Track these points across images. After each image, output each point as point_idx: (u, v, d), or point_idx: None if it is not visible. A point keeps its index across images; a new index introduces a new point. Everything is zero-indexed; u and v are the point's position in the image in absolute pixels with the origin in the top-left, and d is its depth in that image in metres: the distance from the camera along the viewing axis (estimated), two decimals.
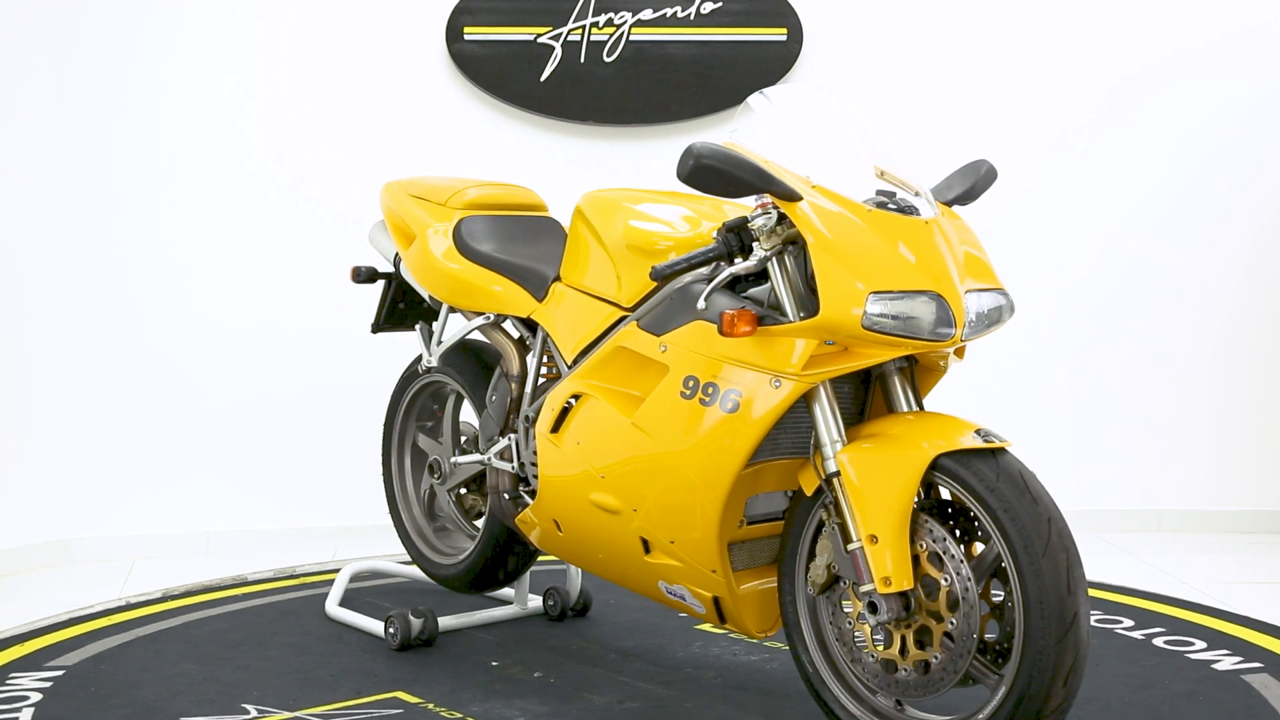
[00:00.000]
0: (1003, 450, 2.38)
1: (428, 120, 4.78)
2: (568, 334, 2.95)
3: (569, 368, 2.93)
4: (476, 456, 3.21)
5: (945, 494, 2.44)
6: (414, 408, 3.64)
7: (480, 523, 3.54)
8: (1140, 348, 4.98)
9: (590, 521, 2.79)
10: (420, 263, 3.30)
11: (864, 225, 2.41)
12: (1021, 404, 4.84)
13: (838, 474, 2.42)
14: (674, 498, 2.58)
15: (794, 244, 2.47)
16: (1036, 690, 2.24)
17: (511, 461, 3.10)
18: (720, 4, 4.79)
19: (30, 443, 4.47)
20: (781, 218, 2.45)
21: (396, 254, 3.48)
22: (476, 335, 3.37)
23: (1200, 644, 3.31)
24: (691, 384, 2.53)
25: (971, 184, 2.63)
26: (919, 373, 2.61)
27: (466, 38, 4.73)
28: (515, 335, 3.23)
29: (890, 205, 2.47)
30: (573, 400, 2.84)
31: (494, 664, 3.18)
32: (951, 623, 2.34)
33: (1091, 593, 3.78)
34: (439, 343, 3.39)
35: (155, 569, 4.31)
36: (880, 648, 2.45)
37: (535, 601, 3.60)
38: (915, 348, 2.40)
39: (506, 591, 3.66)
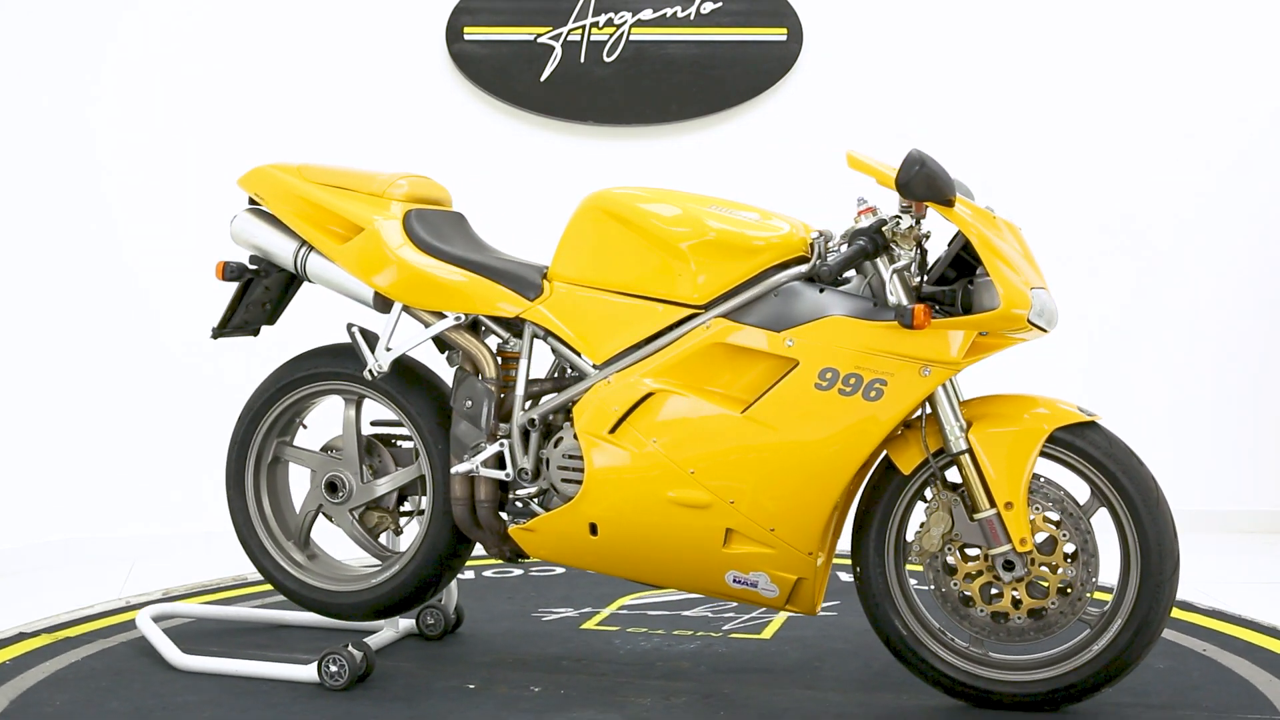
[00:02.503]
0: (1096, 421, 2.74)
1: (428, 120, 4.78)
2: (595, 334, 2.90)
3: (598, 368, 2.90)
4: (465, 466, 2.96)
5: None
6: (279, 422, 3.27)
7: (385, 540, 3.27)
8: (1140, 348, 4.98)
9: (656, 519, 2.80)
10: (371, 258, 3.03)
11: (997, 228, 2.69)
12: None
13: (967, 451, 2.72)
14: (791, 486, 2.72)
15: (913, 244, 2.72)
16: (1153, 618, 2.69)
17: (505, 469, 2.98)
18: (720, 4, 4.79)
19: (30, 443, 4.46)
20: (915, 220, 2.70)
21: (301, 248, 3.14)
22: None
23: (1201, 644, 3.31)
24: (830, 375, 2.68)
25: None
26: None
27: (466, 38, 4.73)
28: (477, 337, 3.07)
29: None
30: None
31: (470, 687, 2.99)
32: (1070, 572, 2.71)
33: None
34: (388, 348, 3.05)
35: (155, 569, 4.31)
36: (986, 602, 2.75)
37: (404, 623, 3.35)
38: (1033, 338, 2.70)
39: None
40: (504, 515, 3.03)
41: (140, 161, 4.62)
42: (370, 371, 3.06)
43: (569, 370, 3.03)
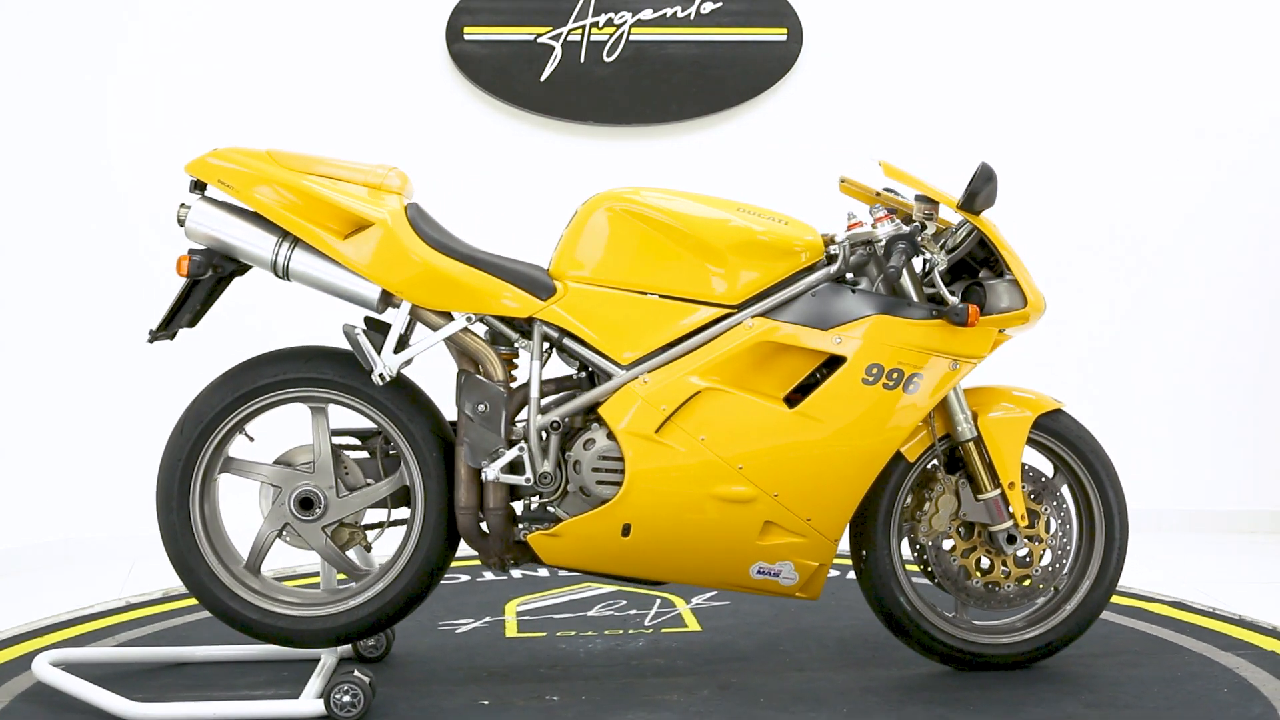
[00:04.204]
0: (1062, 408, 3.09)
1: (428, 120, 4.78)
2: (620, 334, 2.89)
3: (625, 368, 2.88)
4: (492, 473, 2.85)
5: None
6: (231, 435, 2.96)
7: (354, 556, 3.02)
8: (1140, 348, 4.98)
9: (697, 516, 2.86)
10: (384, 255, 2.84)
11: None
12: None
13: (977, 438, 3.00)
14: (834, 476, 2.89)
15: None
16: (1114, 577, 3.11)
17: (523, 473, 2.88)
18: (720, 4, 4.79)
19: (30, 443, 4.47)
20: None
21: (283, 243, 2.87)
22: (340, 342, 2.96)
23: (1201, 644, 3.31)
24: (875, 371, 2.87)
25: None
26: None
27: (466, 38, 4.73)
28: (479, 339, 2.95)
29: None
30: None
31: (485, 703, 2.88)
32: (1051, 542, 3.05)
33: (1248, 635, 3.62)
34: (395, 349, 2.87)
35: (155, 569, 4.30)
36: (981, 574, 3.06)
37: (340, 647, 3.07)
38: (1021, 332, 2.99)
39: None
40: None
41: (142, 161, 4.61)
42: (381, 375, 2.85)
43: (578, 371, 2.99)
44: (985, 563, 3.07)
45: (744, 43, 4.82)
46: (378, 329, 2.92)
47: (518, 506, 2.97)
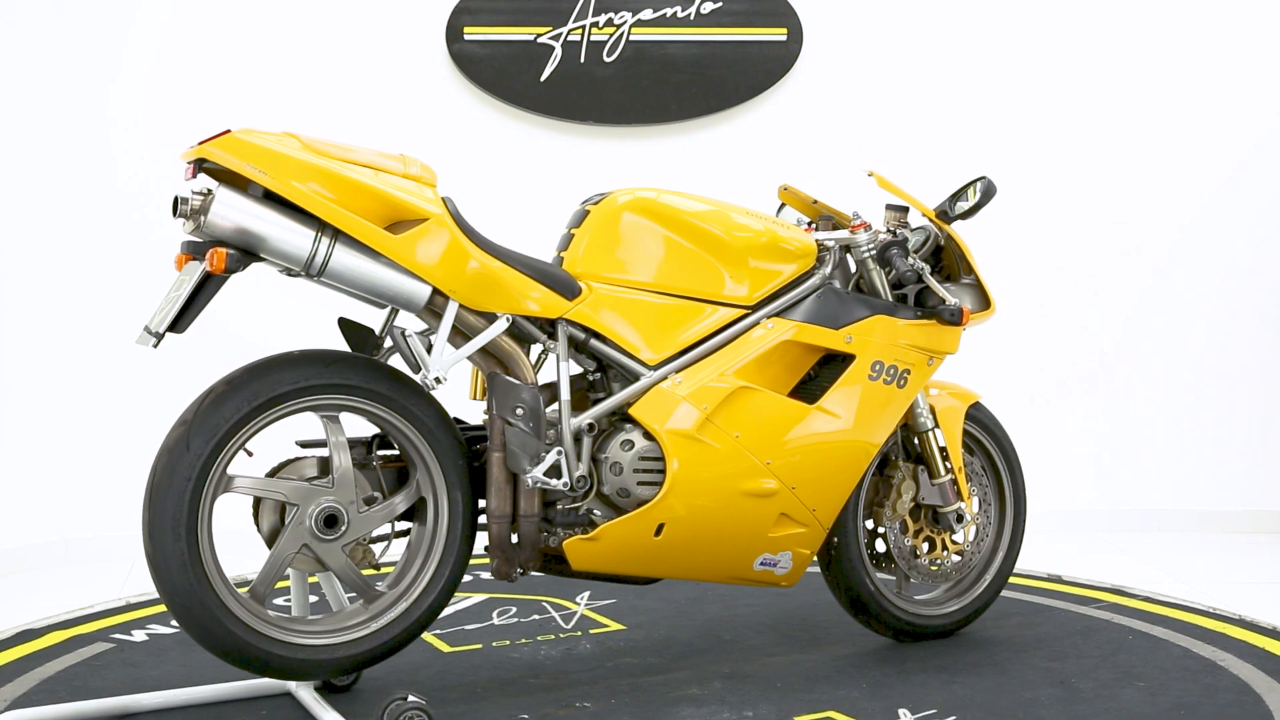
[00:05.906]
0: (980, 400, 3.41)
1: (428, 120, 4.78)
2: (645, 335, 2.90)
3: (651, 369, 2.88)
4: (546, 481, 2.76)
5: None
6: (236, 452, 2.65)
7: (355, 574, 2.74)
8: (1141, 349, 4.98)
9: (726, 511, 2.92)
10: (439, 252, 2.65)
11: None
12: (1024, 405, 4.84)
13: (935, 428, 3.24)
14: (840, 468, 3.04)
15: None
16: (1020, 543, 3.46)
17: (559, 477, 2.80)
18: (720, 4, 4.79)
19: (30, 443, 4.47)
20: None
21: (322, 237, 2.58)
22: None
23: (1199, 644, 3.31)
24: (878, 367, 3.07)
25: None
26: None
27: (466, 38, 4.74)
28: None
29: None
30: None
31: (525, 717, 2.77)
32: (981, 519, 3.39)
33: (1091, 593, 3.85)
34: (443, 351, 2.70)
35: None
36: (926, 551, 3.31)
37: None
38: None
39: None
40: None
41: (145, 162, 4.61)
42: (436, 379, 2.66)
43: (593, 371, 2.95)
44: (927, 542, 3.32)
45: (744, 43, 4.82)
46: (365, 332, 2.80)
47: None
